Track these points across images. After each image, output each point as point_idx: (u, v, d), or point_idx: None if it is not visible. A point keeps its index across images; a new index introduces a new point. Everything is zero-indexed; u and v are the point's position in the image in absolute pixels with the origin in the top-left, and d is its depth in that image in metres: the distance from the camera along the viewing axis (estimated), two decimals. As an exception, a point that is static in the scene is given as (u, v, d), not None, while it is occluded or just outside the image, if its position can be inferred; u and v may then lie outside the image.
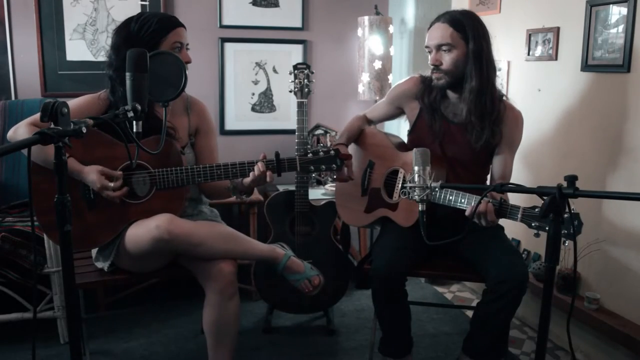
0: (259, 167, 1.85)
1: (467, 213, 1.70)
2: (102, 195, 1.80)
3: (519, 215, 1.57)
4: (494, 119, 1.96)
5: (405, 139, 2.23)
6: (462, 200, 1.72)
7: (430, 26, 1.99)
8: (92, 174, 1.79)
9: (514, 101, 2.08)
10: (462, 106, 1.97)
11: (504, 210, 1.64)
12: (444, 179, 1.95)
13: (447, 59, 1.93)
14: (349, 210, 2.30)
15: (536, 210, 1.49)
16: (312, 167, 1.87)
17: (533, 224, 1.50)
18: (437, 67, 1.95)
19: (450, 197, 1.74)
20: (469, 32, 1.90)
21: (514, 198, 2.01)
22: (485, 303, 1.86)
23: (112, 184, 1.79)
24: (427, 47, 1.99)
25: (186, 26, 1.96)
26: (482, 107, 1.93)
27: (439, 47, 1.94)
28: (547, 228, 1.43)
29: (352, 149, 2.26)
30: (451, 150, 2.03)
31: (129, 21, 1.89)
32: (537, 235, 1.49)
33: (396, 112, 2.23)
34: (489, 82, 1.94)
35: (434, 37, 1.95)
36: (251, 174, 1.86)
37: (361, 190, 2.22)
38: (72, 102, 1.88)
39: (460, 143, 2.01)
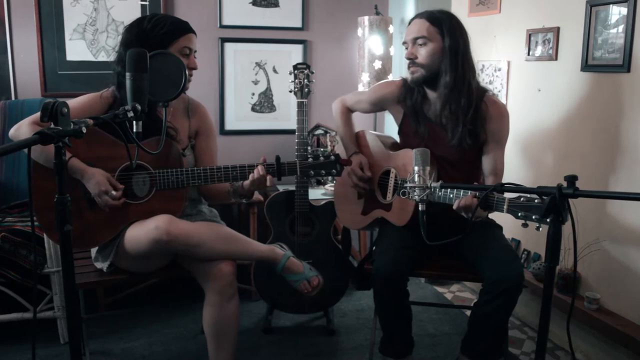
0: (258, 171, 1.85)
1: (454, 207, 1.69)
2: (99, 199, 1.80)
3: (505, 207, 1.56)
4: (470, 118, 1.95)
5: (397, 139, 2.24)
6: (451, 196, 1.71)
7: (409, 24, 2.02)
8: (98, 175, 1.79)
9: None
10: (437, 102, 1.98)
11: (490, 202, 1.63)
12: (435, 178, 1.95)
13: (422, 53, 1.95)
14: (347, 213, 2.31)
15: (522, 199, 1.49)
16: (312, 172, 1.90)
17: (519, 214, 1.49)
18: (412, 60, 1.98)
19: (439, 193, 1.73)
20: (445, 27, 1.93)
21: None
22: (482, 303, 1.86)
23: (113, 192, 1.79)
24: (404, 43, 2.02)
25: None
26: (456, 104, 1.94)
27: (414, 41, 1.97)
28: (533, 217, 1.42)
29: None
30: (438, 150, 2.01)
31: (142, 19, 1.91)
32: (525, 225, 1.48)
33: (379, 110, 2.33)
34: (465, 79, 1.94)
35: (410, 31, 1.99)
36: (250, 176, 1.87)
37: (357, 194, 2.23)
38: (74, 101, 1.88)
39: (446, 143, 2.01)
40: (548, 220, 1.29)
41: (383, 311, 2.00)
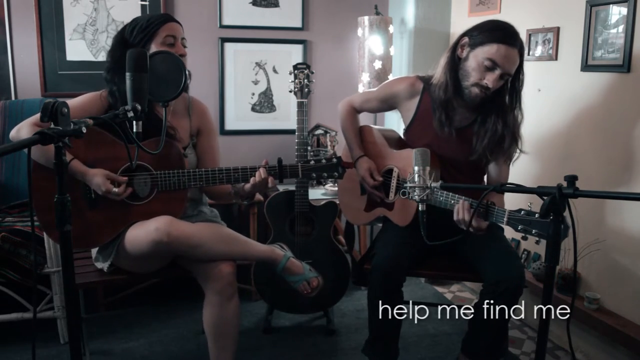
0: (260, 173, 1.85)
1: (455, 218, 1.69)
2: (107, 197, 1.80)
3: (505, 219, 1.56)
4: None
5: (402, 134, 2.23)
6: (452, 202, 1.71)
7: (503, 41, 1.82)
8: (97, 177, 1.79)
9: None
10: (466, 110, 1.97)
11: (490, 213, 1.64)
12: (439, 179, 1.94)
13: (498, 84, 1.88)
14: (351, 208, 2.31)
15: (522, 212, 1.49)
16: (314, 174, 1.89)
17: (519, 227, 1.49)
18: (488, 88, 1.87)
19: (441, 199, 1.73)
20: (522, 62, 1.88)
21: (514, 198, 2.01)
22: (483, 304, 1.86)
23: (116, 189, 1.79)
24: (494, 63, 1.83)
25: (186, 26, 1.96)
26: (493, 133, 1.95)
27: (504, 75, 1.86)
28: (533, 232, 1.43)
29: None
30: (447, 152, 2.02)
31: (123, 27, 1.94)
32: (524, 238, 1.48)
33: (389, 109, 2.27)
34: (512, 112, 1.96)
35: (508, 62, 1.83)
36: (252, 179, 1.87)
37: (360, 189, 2.22)
38: (74, 100, 1.89)
39: (458, 146, 2.01)
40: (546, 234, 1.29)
41: (374, 308, 1.96)
